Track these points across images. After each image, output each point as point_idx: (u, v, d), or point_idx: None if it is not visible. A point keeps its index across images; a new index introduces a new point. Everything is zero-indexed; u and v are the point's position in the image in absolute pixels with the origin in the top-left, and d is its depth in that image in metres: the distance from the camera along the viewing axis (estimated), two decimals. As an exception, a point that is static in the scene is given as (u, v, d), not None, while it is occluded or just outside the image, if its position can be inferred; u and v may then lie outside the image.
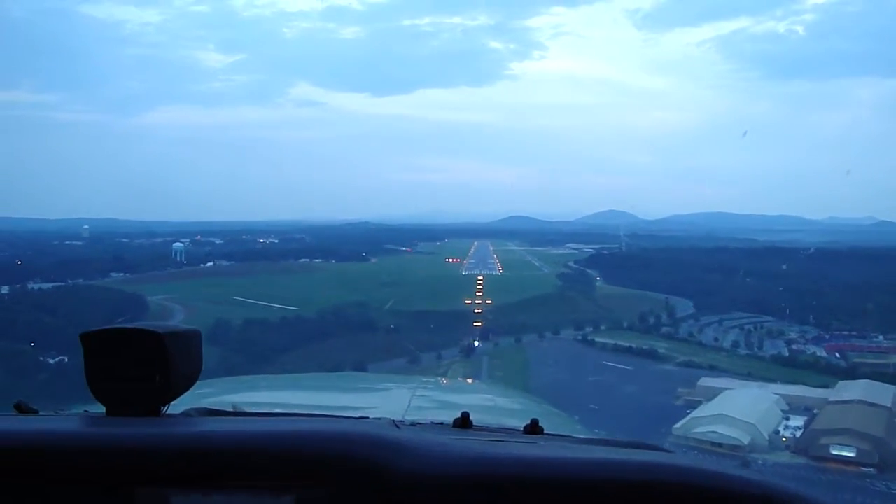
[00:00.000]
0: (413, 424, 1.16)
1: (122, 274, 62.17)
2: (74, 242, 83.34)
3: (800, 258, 67.52)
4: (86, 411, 1.14)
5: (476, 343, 42.98)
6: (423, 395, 2.40)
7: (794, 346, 51.62)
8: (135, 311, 36.74)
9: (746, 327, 56.14)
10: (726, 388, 31.07)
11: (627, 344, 43.77)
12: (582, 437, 1.36)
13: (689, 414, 29.13)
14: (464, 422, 1.16)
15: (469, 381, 9.71)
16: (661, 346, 44.06)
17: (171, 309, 45.60)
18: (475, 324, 44.91)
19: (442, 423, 1.21)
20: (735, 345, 49.81)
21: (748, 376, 37.28)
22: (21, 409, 1.12)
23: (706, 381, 32.33)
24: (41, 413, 1.14)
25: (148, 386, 1.01)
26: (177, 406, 1.09)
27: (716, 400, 29.09)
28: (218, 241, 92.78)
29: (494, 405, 2.65)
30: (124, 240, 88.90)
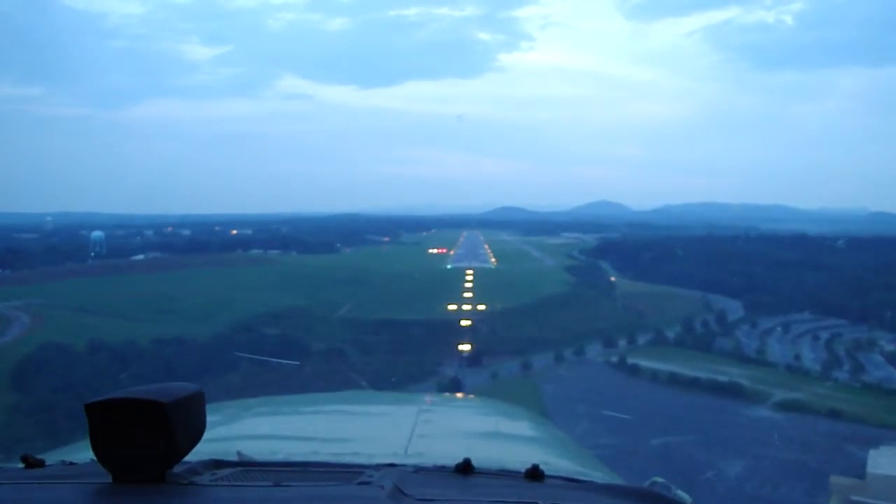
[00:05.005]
0: (416, 471, 1.25)
1: (3, 271, 51.72)
2: (28, 235, 77.42)
3: (825, 246, 61.03)
4: (93, 460, 1.11)
5: (462, 374, 28.09)
6: (427, 421, 2.38)
7: (901, 364, 37.97)
8: None
9: (821, 336, 42.49)
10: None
11: (690, 373, 29.01)
12: (585, 479, 1.34)
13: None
14: (465, 468, 1.25)
15: (471, 397, 8.96)
16: (739, 375, 29.36)
17: (11, 319, 31.15)
18: (460, 346, 29.61)
19: (444, 468, 1.28)
20: (827, 366, 35.61)
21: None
22: (28, 461, 1.13)
23: (878, 465, 17.82)
24: (48, 464, 1.15)
25: (152, 452, 1.02)
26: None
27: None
28: (186, 233, 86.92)
29: (498, 432, 2.64)
30: (83, 232, 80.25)
